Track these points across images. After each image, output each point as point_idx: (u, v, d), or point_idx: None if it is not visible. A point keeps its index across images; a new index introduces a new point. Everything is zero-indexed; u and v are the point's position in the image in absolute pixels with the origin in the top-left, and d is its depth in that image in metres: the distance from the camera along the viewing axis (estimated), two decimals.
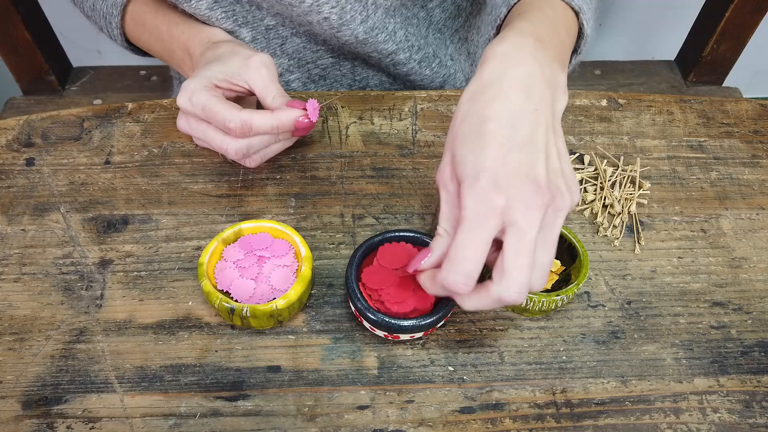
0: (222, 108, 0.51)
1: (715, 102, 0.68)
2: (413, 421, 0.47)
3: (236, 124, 0.51)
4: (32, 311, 0.51)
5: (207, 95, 0.51)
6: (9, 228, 0.56)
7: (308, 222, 0.57)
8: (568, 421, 0.47)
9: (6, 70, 0.97)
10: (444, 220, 0.42)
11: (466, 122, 0.41)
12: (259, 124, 0.51)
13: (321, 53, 0.69)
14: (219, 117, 0.51)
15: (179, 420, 0.46)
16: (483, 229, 0.38)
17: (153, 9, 0.63)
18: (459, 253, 0.39)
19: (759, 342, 0.52)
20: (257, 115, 0.51)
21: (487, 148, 0.39)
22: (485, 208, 0.38)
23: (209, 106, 0.51)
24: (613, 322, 0.52)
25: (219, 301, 0.48)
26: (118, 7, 0.63)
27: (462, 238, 0.39)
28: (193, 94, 0.52)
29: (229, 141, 0.52)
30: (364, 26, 0.63)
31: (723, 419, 0.47)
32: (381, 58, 0.67)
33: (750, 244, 0.57)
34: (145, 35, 0.65)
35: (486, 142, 0.39)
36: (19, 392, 0.47)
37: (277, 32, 0.66)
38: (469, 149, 0.40)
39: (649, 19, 1.38)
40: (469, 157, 0.39)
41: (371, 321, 0.47)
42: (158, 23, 0.63)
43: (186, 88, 0.52)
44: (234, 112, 0.51)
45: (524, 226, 0.38)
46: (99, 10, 0.64)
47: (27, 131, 0.62)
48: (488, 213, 0.38)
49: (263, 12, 0.63)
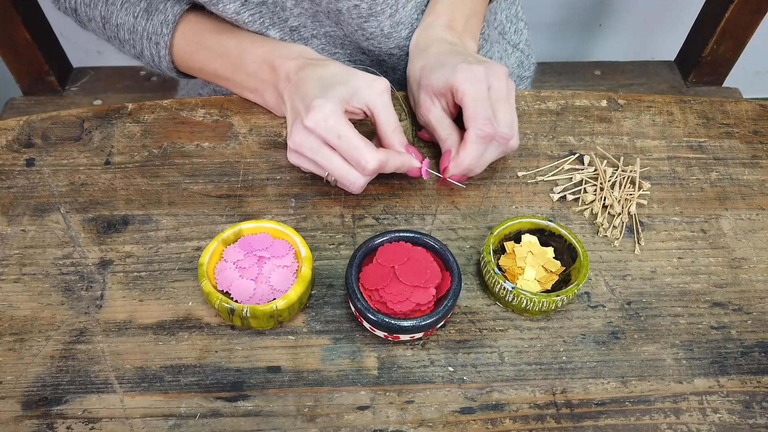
0: (362, 144, 0.51)
1: (715, 102, 0.68)
2: (413, 422, 0.47)
3: (374, 165, 0.51)
4: (32, 312, 0.51)
5: (345, 122, 0.51)
6: (9, 228, 0.56)
7: (308, 222, 0.57)
8: (568, 422, 0.47)
9: (6, 70, 0.97)
10: (442, 129, 0.58)
11: (424, 69, 0.60)
12: (391, 165, 0.53)
13: (338, 56, 0.69)
14: (356, 153, 0.51)
15: (179, 420, 0.46)
16: (479, 90, 0.55)
17: (212, 28, 0.63)
18: (475, 110, 0.55)
19: (759, 342, 0.52)
20: (392, 157, 0.53)
21: (447, 62, 0.58)
22: (473, 76, 0.55)
23: (349, 138, 0.51)
24: (613, 322, 0.52)
25: (219, 302, 0.48)
26: (170, 25, 0.61)
27: (471, 104, 0.55)
28: (330, 116, 0.51)
29: (358, 176, 0.52)
30: (392, 20, 0.63)
31: (723, 420, 0.47)
32: (402, 56, 0.68)
33: (750, 245, 0.57)
34: (201, 53, 0.63)
35: (445, 61, 0.58)
36: (19, 393, 0.47)
37: (300, 33, 0.65)
38: (436, 75, 0.57)
39: (649, 19, 1.38)
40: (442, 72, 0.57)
41: (371, 321, 0.47)
42: (223, 39, 0.62)
43: (320, 108, 0.51)
44: (373, 152, 0.51)
45: (494, 82, 0.55)
46: (141, 31, 0.63)
47: (27, 132, 0.62)
48: (476, 78, 0.55)
49: (287, 12, 0.63)
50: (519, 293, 0.49)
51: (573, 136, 0.64)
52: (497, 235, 0.53)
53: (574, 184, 0.61)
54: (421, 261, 0.49)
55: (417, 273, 0.49)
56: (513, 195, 0.60)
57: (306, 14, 0.64)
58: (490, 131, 0.54)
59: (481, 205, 0.59)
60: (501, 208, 0.59)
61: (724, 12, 0.93)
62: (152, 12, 0.62)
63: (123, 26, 0.63)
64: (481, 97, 0.54)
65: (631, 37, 1.42)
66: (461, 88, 0.55)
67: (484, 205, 0.59)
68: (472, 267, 0.55)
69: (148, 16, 0.62)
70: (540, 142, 0.64)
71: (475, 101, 0.54)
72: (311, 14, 0.64)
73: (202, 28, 0.63)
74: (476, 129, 0.54)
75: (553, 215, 0.58)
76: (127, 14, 0.63)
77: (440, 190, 0.59)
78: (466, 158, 0.54)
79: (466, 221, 0.58)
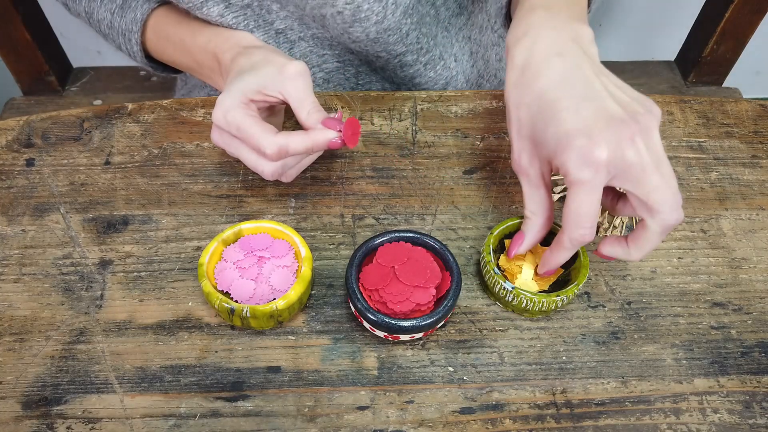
0: (257, 131, 0.50)
1: (715, 102, 0.68)
2: (413, 422, 0.47)
3: (272, 150, 0.49)
4: (32, 312, 0.51)
5: (242, 114, 0.50)
6: (9, 228, 0.56)
7: (308, 222, 0.57)
8: (568, 422, 0.47)
9: (6, 70, 0.97)
10: (530, 202, 0.47)
11: (523, 107, 0.45)
12: (295, 148, 0.50)
13: (327, 57, 0.69)
14: (254, 141, 0.50)
15: (179, 420, 0.46)
16: (594, 187, 0.41)
17: (175, 20, 0.63)
18: (578, 214, 0.42)
19: (759, 342, 0.52)
20: (292, 139, 0.50)
21: (558, 115, 0.42)
22: (590, 163, 0.40)
23: (244, 128, 0.50)
24: (613, 322, 0.52)
25: (219, 302, 0.48)
26: (138, 23, 0.62)
27: (577, 200, 0.41)
28: (228, 111, 0.50)
29: (264, 163, 0.51)
30: (378, 27, 0.62)
31: (723, 420, 0.47)
32: (389, 59, 0.67)
33: (750, 245, 0.57)
34: (169, 49, 0.64)
35: (555, 111, 0.42)
36: (19, 393, 0.47)
37: (286, 36, 0.65)
38: (542, 127, 0.43)
39: (649, 19, 1.38)
40: (549, 132, 0.42)
41: (371, 321, 0.47)
42: (182, 34, 0.62)
43: (221, 103, 0.51)
44: (269, 137, 0.49)
45: (634, 156, 0.40)
46: (117, 27, 0.63)
47: (27, 132, 0.63)
48: (595, 167, 0.40)
49: (272, 15, 0.63)
50: (519, 293, 0.49)
51: None
52: (497, 235, 0.53)
53: None
54: (421, 261, 0.49)
55: (417, 273, 0.49)
56: (513, 195, 0.60)
57: (292, 17, 0.64)
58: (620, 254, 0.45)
59: (481, 205, 0.59)
60: (501, 208, 0.59)
61: (724, 12, 0.93)
62: (126, 9, 0.63)
63: (102, 22, 0.65)
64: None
65: (631, 37, 1.42)
66: (575, 179, 0.41)
67: (484, 205, 0.59)
68: (472, 267, 0.55)
69: (122, 12, 0.63)
70: None
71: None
72: (297, 17, 0.64)
73: (166, 23, 0.63)
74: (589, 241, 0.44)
75: None
76: (105, 11, 0.64)
77: (440, 190, 0.59)
78: (554, 262, 0.47)
79: (466, 221, 0.58)
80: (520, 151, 0.46)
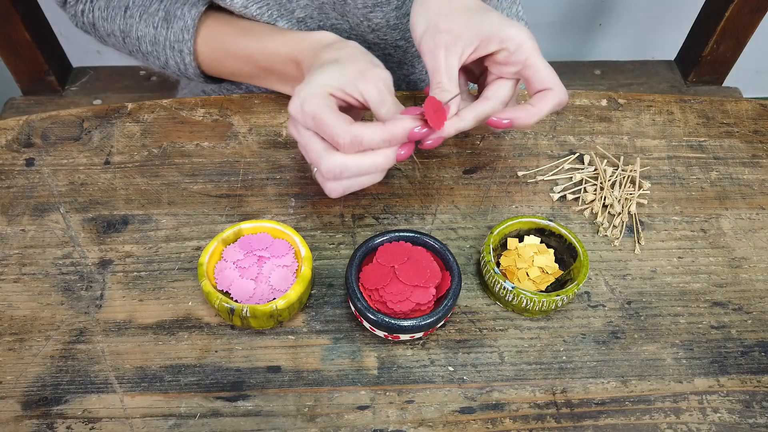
0: (333, 120, 0.47)
1: (715, 102, 0.68)
2: (413, 422, 0.47)
3: (346, 140, 0.47)
4: (32, 311, 0.51)
5: (319, 104, 0.48)
6: (9, 228, 0.56)
7: (308, 222, 0.57)
8: (569, 422, 0.47)
9: (6, 70, 0.97)
10: (452, 77, 0.51)
11: (448, 14, 0.52)
12: (370, 138, 0.47)
13: None
14: (329, 130, 0.47)
15: (179, 420, 0.46)
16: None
17: (234, 31, 0.61)
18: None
19: (759, 342, 0.52)
20: (368, 129, 0.47)
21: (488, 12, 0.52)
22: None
23: (320, 117, 0.48)
24: (613, 322, 0.52)
25: (219, 302, 0.48)
26: (190, 30, 0.60)
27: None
28: (305, 101, 0.48)
29: (326, 156, 0.48)
30: (398, 12, 0.62)
31: (723, 419, 0.47)
32: (408, 47, 0.67)
33: (750, 244, 0.57)
34: (229, 60, 0.62)
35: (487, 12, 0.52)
36: (19, 392, 0.47)
37: (306, 25, 0.64)
38: (485, 18, 0.51)
39: (649, 19, 1.38)
40: (490, 19, 0.51)
41: (371, 321, 0.47)
42: (246, 44, 0.61)
43: (298, 94, 0.49)
44: (344, 126, 0.47)
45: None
46: (163, 41, 0.62)
47: (27, 131, 0.62)
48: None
49: (293, 4, 0.62)
50: (519, 293, 0.49)
51: (573, 136, 0.64)
52: (497, 235, 0.53)
53: (574, 184, 0.60)
54: (421, 261, 0.49)
55: (417, 273, 0.49)
56: (513, 194, 0.60)
57: (312, 5, 0.63)
58: (565, 100, 0.52)
59: (481, 204, 0.59)
60: (501, 208, 0.59)
61: (724, 11, 0.93)
62: (171, 20, 0.61)
63: (144, 38, 0.62)
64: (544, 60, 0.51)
65: (631, 36, 1.42)
66: (526, 44, 0.50)
67: (484, 204, 0.59)
68: (472, 267, 0.55)
69: (167, 24, 0.61)
70: (540, 141, 0.64)
71: (545, 63, 0.51)
72: (317, 5, 0.63)
73: (223, 32, 0.62)
74: (560, 94, 0.51)
75: (553, 215, 0.58)
76: (146, 26, 0.62)
77: (440, 190, 0.59)
78: (536, 117, 0.51)
79: (466, 221, 0.58)
80: (440, 40, 0.51)
